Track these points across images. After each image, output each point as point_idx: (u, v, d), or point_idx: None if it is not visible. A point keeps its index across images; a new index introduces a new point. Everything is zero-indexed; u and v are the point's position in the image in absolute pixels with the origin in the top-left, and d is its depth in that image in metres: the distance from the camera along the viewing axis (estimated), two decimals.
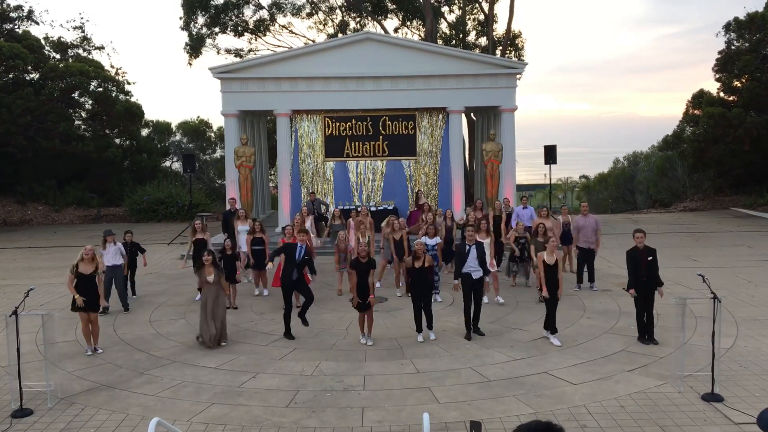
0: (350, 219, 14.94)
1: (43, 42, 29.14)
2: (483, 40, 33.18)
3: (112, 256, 12.31)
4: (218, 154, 37.73)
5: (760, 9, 26.58)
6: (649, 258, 9.78)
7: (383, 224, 13.96)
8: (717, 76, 27.80)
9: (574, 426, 7.23)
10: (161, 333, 11.07)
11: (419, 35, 33.08)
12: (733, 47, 27.02)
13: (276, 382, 8.72)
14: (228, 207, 16.68)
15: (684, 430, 7.13)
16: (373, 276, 10.22)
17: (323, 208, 19.20)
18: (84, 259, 10.02)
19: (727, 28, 27.11)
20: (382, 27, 33.07)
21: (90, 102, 28.77)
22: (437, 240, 12.86)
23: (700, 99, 29.06)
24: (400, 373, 8.96)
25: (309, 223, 14.78)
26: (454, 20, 34.01)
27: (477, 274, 10.35)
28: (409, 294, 10.43)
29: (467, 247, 10.38)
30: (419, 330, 10.38)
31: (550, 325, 10.11)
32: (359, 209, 15.06)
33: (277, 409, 7.84)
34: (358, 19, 33.96)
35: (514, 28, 31.94)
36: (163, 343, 10.49)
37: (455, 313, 11.91)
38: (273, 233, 18.82)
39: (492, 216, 14.83)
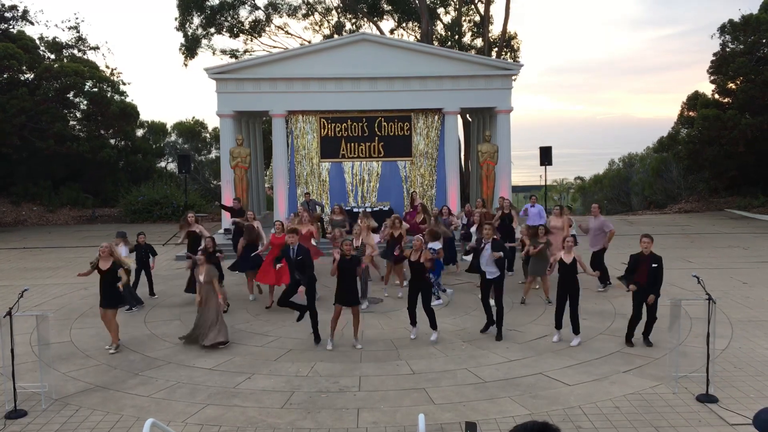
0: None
1: (37, 42, 29.03)
2: (479, 42, 33.19)
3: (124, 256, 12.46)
4: (213, 154, 37.70)
5: (755, 11, 26.67)
6: (653, 265, 9.60)
7: (384, 223, 13.98)
8: (712, 78, 27.88)
9: (569, 427, 7.23)
10: (156, 334, 11.04)
11: (415, 36, 33.10)
12: (727, 49, 27.10)
13: (271, 383, 8.70)
14: (232, 206, 16.59)
15: (679, 431, 7.14)
16: (360, 272, 10.20)
17: (318, 208, 19.18)
18: (101, 257, 10.07)
19: (722, 30, 27.19)
20: (378, 28, 33.09)
21: (85, 102, 28.68)
22: (439, 245, 12.70)
23: (695, 101, 29.15)
24: (396, 374, 8.95)
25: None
26: (450, 21, 34.03)
27: (492, 274, 10.30)
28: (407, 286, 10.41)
29: (483, 243, 10.33)
30: (413, 323, 10.36)
31: (564, 324, 10.02)
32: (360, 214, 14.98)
33: (273, 410, 7.82)
34: (354, 20, 33.95)
35: (510, 29, 32.00)
36: (158, 344, 10.46)
37: (451, 314, 11.91)
38: (267, 234, 18.81)
39: (501, 214, 14.89)
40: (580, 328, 10.15)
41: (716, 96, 28.36)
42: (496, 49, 31.07)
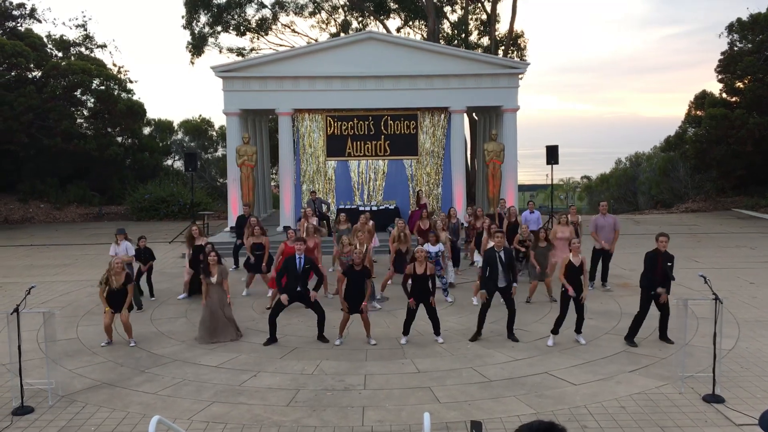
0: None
1: (45, 40, 29.14)
2: (485, 40, 33.15)
3: (124, 253, 12.52)
4: (220, 152, 37.75)
5: (764, 10, 26.54)
6: (668, 264, 9.72)
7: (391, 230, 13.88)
8: (720, 77, 27.76)
9: (574, 426, 7.22)
10: (162, 331, 11.08)
11: (421, 35, 33.05)
12: (735, 48, 26.98)
13: (277, 380, 8.72)
14: (241, 212, 16.60)
15: (685, 431, 7.12)
16: (370, 285, 10.21)
17: (324, 207, 19.20)
18: (115, 273, 10.13)
19: (730, 29, 27.07)
20: (385, 26, 33.07)
21: (92, 100, 28.76)
22: (440, 247, 12.66)
23: (702, 100, 29.02)
24: (401, 372, 8.95)
25: (314, 221, 14.69)
26: (457, 20, 33.96)
27: (502, 282, 10.23)
28: (409, 298, 10.20)
29: (497, 254, 10.24)
30: (405, 333, 10.28)
31: (567, 326, 10.00)
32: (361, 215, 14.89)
33: (278, 408, 7.84)
34: (360, 19, 33.94)
35: (517, 27, 31.79)
36: (164, 342, 10.49)
37: (456, 312, 11.91)
38: (274, 232, 18.85)
39: (507, 222, 14.85)
40: (584, 328, 10.15)
41: (724, 95, 28.22)
42: (503, 47, 31.01)
